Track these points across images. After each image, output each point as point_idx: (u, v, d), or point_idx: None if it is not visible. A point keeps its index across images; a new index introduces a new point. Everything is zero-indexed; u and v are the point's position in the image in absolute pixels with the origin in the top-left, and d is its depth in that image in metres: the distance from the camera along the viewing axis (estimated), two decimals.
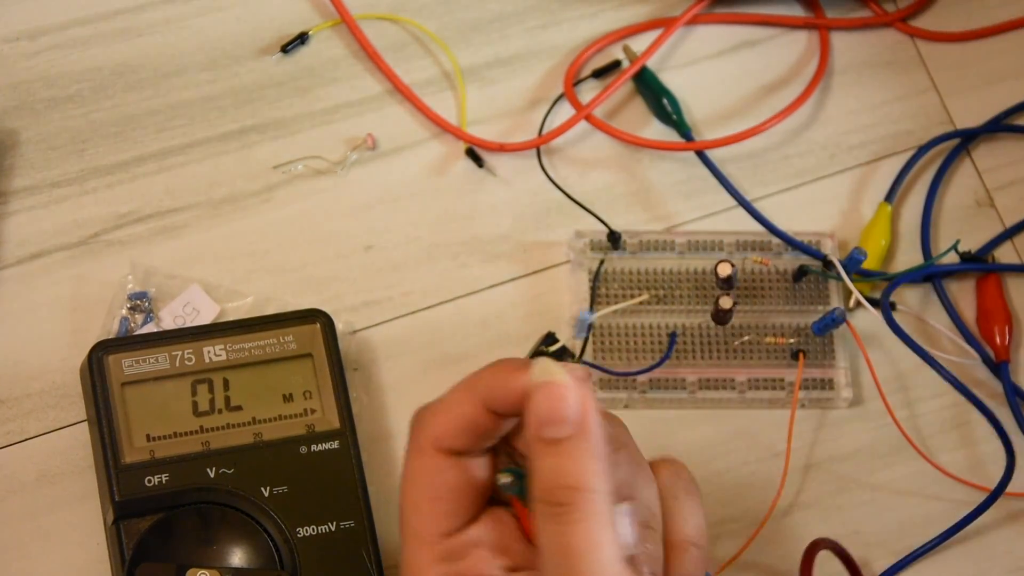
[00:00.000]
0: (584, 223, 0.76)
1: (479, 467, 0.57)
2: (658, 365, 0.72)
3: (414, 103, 0.78)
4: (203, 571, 0.64)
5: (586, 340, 0.73)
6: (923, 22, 0.82)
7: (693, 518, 0.60)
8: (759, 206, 0.77)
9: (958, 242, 0.75)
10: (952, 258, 0.76)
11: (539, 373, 0.53)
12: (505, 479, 0.55)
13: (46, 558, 0.68)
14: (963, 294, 0.76)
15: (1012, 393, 0.74)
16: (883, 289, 0.73)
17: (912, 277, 0.75)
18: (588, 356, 0.73)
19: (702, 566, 0.59)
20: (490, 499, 0.57)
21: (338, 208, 0.76)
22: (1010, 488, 0.72)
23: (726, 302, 0.72)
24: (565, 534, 0.52)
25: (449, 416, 0.56)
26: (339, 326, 0.71)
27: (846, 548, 0.69)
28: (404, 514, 0.56)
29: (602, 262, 0.75)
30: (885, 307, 0.71)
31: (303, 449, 0.67)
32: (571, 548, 0.52)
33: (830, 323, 0.72)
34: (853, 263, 0.72)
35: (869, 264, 0.75)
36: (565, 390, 0.53)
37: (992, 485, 0.72)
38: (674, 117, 0.78)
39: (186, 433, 0.67)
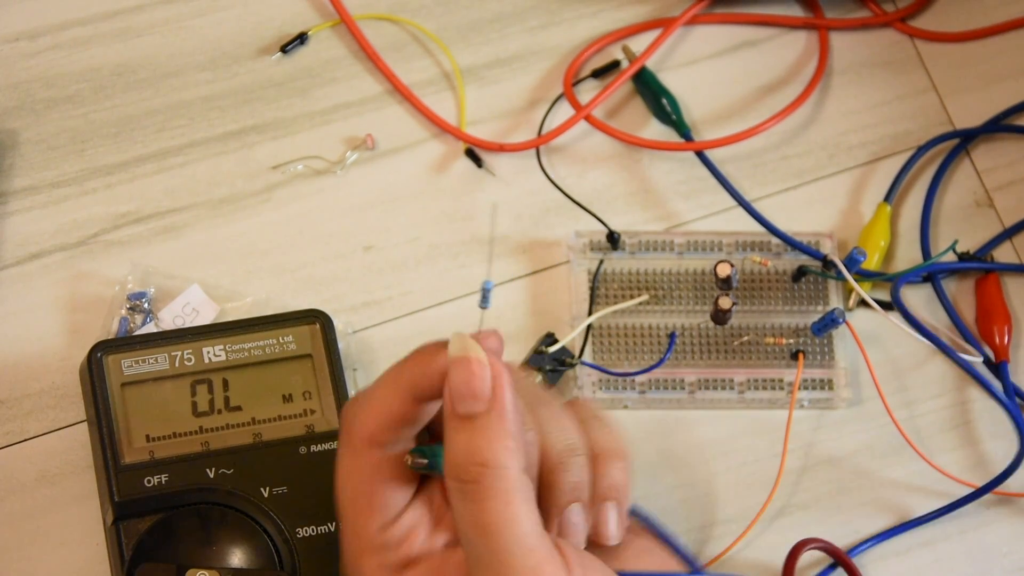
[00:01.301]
0: (583, 223, 0.76)
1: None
2: (657, 365, 0.72)
3: (413, 103, 0.78)
4: (202, 571, 0.64)
5: (586, 341, 0.73)
6: (922, 22, 0.82)
7: (609, 435, 0.60)
8: (758, 206, 0.77)
9: (956, 242, 0.75)
10: (951, 258, 0.76)
11: (455, 348, 0.54)
12: (419, 460, 0.56)
13: (45, 558, 0.68)
14: (963, 294, 0.77)
15: (1012, 393, 0.74)
16: (889, 289, 0.74)
17: (913, 276, 0.75)
18: (588, 356, 0.73)
19: (628, 477, 0.60)
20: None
21: (337, 208, 0.76)
22: (1011, 488, 0.72)
23: (725, 302, 0.72)
24: (477, 511, 0.53)
25: (378, 412, 0.57)
26: (338, 326, 0.71)
27: (841, 548, 0.69)
28: (342, 509, 0.58)
29: (601, 262, 0.75)
30: (898, 302, 0.70)
31: (303, 449, 0.67)
32: (484, 525, 0.53)
33: (829, 323, 0.72)
34: (853, 263, 0.72)
35: (868, 264, 0.75)
36: (479, 365, 0.54)
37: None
38: (673, 117, 0.78)
39: (186, 433, 0.67)
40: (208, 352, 0.68)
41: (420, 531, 0.58)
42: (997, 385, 0.74)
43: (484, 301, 0.58)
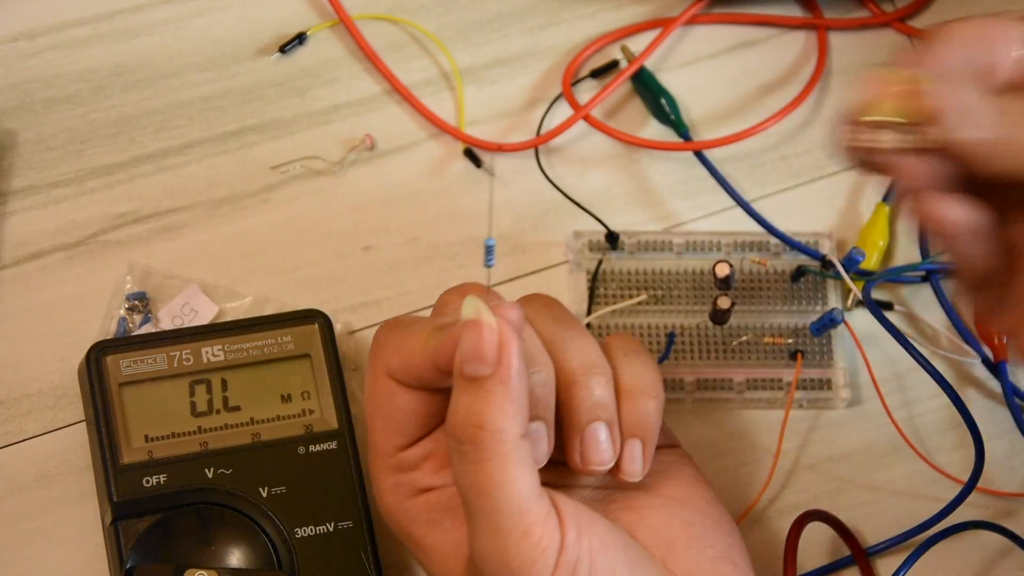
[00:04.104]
0: (582, 223, 0.76)
1: (431, 397, 0.59)
2: None
3: (412, 103, 0.78)
4: (201, 571, 0.64)
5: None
6: (922, 22, 0.82)
7: (642, 370, 0.62)
8: (757, 206, 0.77)
9: None
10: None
11: (468, 311, 0.55)
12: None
13: (44, 559, 0.68)
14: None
15: (1011, 393, 0.74)
16: (889, 289, 0.73)
17: (891, 275, 0.75)
18: None
19: (656, 415, 0.61)
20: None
21: (336, 208, 0.76)
22: (1010, 488, 0.72)
23: (724, 302, 0.72)
24: (472, 471, 0.55)
25: (400, 357, 0.59)
26: (337, 326, 0.71)
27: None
28: (367, 424, 0.62)
29: (600, 262, 0.75)
30: (870, 303, 0.70)
31: (301, 449, 0.67)
32: (478, 485, 0.55)
33: (828, 323, 0.72)
34: (852, 263, 0.73)
35: (867, 264, 0.75)
36: (487, 330, 0.55)
37: (990, 485, 0.72)
38: (672, 117, 0.78)
39: (184, 433, 0.67)
40: (207, 352, 0.68)
41: (433, 463, 0.60)
42: (995, 384, 0.74)
43: (489, 259, 0.59)
